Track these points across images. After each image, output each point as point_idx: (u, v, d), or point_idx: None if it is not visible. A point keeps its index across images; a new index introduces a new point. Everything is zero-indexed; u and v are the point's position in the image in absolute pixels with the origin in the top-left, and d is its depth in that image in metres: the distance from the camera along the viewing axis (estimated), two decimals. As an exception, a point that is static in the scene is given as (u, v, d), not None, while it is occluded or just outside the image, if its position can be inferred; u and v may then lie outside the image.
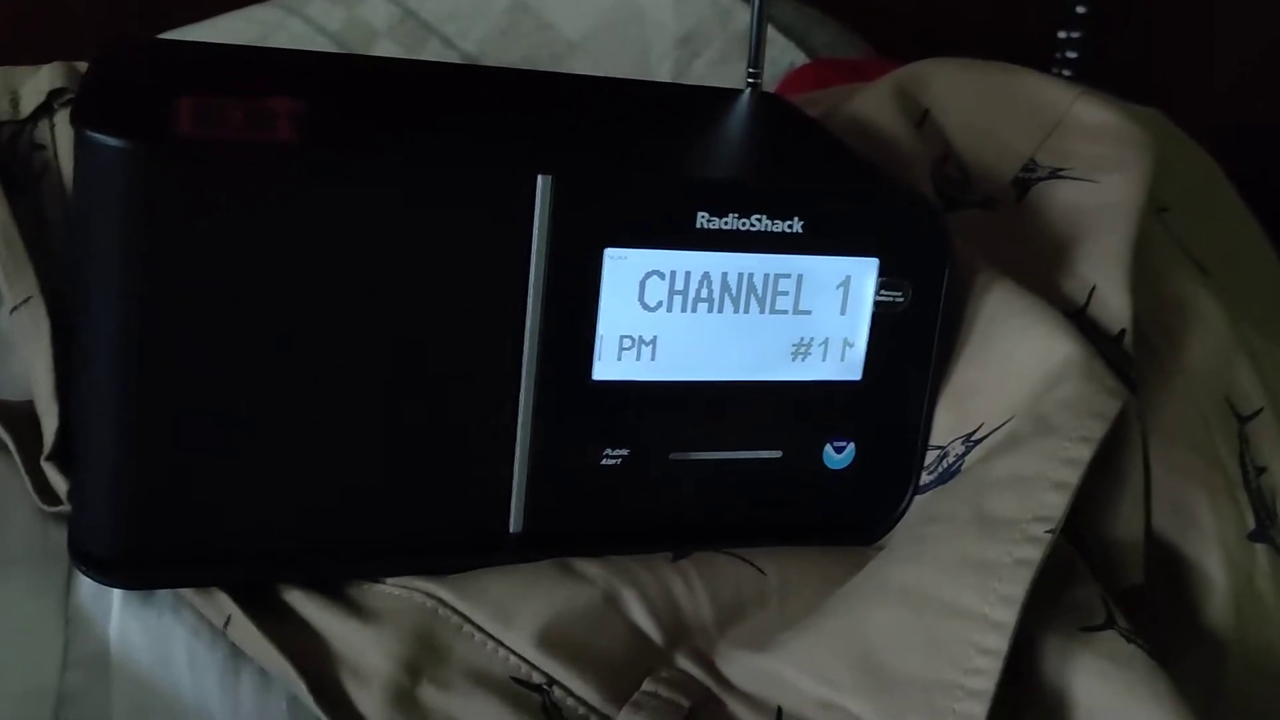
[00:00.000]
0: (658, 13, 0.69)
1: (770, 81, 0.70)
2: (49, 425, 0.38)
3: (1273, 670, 0.40)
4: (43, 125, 0.45)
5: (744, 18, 0.70)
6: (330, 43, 0.66)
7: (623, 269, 0.36)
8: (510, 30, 0.67)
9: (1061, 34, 0.90)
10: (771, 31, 0.71)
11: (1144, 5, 0.92)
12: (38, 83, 0.46)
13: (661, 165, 0.38)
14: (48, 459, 0.37)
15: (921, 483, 0.41)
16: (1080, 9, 0.88)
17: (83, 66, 0.48)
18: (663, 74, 0.69)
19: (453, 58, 0.67)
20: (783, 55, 0.71)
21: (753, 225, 0.37)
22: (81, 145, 0.32)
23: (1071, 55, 0.89)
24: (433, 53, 0.66)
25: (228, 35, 0.66)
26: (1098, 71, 0.90)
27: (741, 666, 0.37)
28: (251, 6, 0.68)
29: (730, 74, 0.70)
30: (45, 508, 0.37)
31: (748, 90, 0.46)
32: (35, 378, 0.39)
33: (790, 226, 0.37)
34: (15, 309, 0.40)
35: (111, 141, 0.32)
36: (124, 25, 0.73)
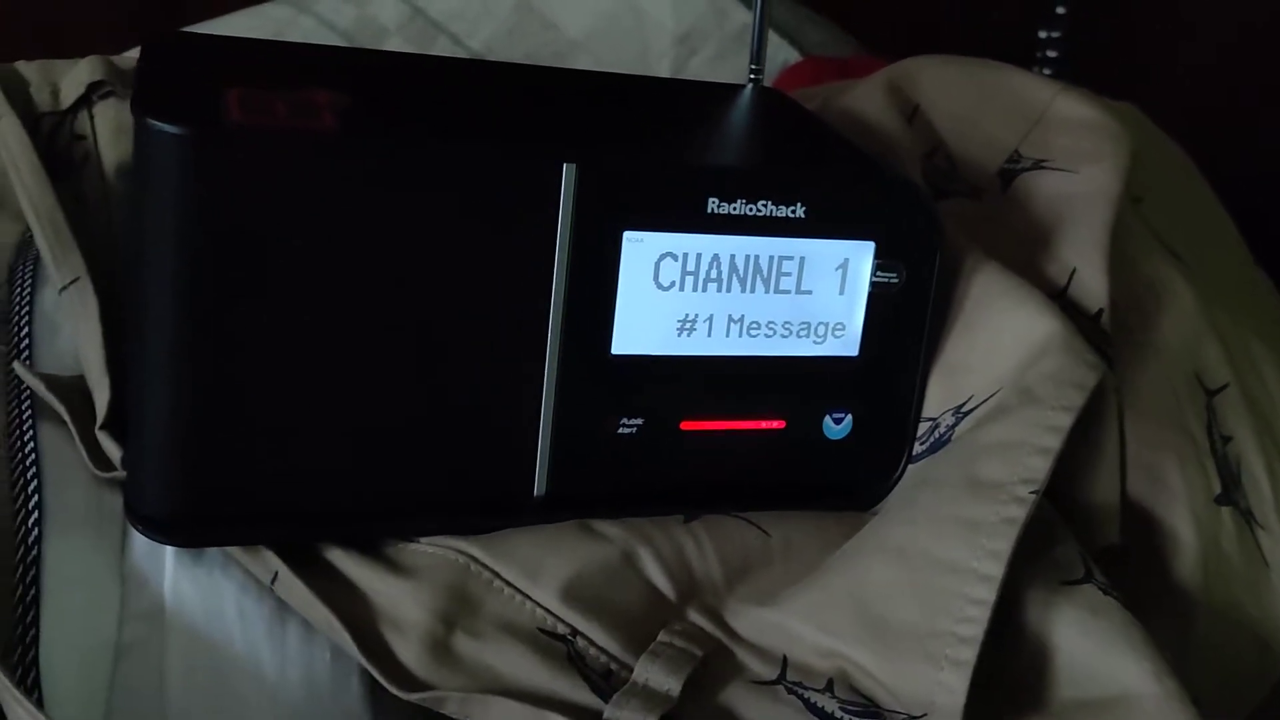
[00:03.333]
0: (657, 12, 0.72)
1: (764, 78, 0.73)
2: (101, 397, 0.40)
3: (1237, 622, 0.43)
4: (82, 116, 0.48)
5: (740, 17, 0.73)
6: (341, 39, 0.69)
7: (639, 251, 0.39)
8: (516, 29, 0.69)
9: (1042, 33, 0.93)
10: (766, 30, 0.74)
11: (1119, 5, 0.96)
12: (77, 75, 0.48)
13: (675, 155, 0.41)
14: (101, 428, 0.40)
15: (915, 452, 0.44)
16: (1060, 9, 0.91)
17: (118, 60, 0.50)
18: (661, 71, 0.72)
19: (460, 55, 0.69)
20: (776, 53, 0.74)
21: (759, 210, 0.40)
22: (141, 132, 0.35)
23: (1052, 54, 0.93)
24: (441, 50, 0.69)
25: (240, 32, 0.69)
26: (1077, 68, 0.94)
27: (749, 620, 0.39)
28: (263, 4, 0.70)
29: (726, 70, 0.73)
30: (99, 474, 0.39)
31: (750, 85, 0.49)
32: (86, 353, 0.41)
33: (794, 211, 0.40)
34: (64, 289, 0.43)
35: (169, 128, 0.34)
36: (136, 22, 0.75)
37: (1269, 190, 0.97)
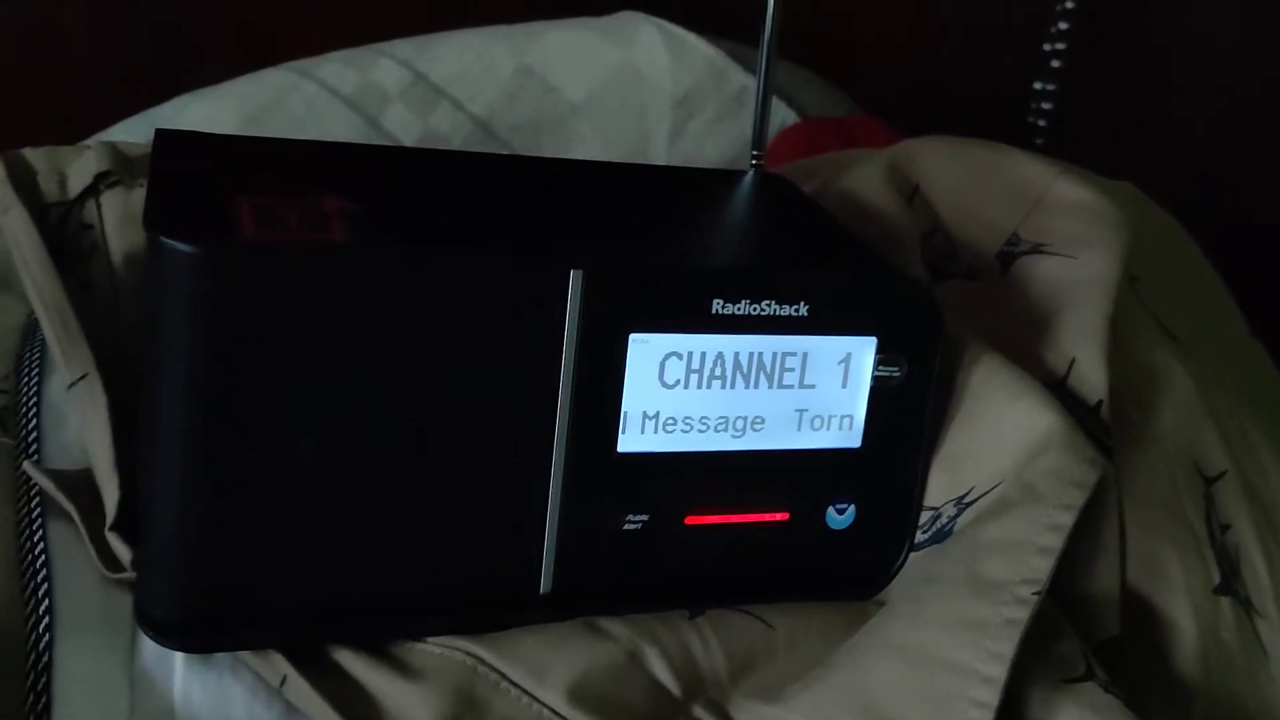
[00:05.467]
0: (656, 76, 0.72)
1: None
2: (110, 496, 0.40)
3: (1237, 713, 0.43)
4: (90, 206, 0.48)
5: (739, 79, 0.74)
6: (343, 105, 0.69)
7: (645, 351, 0.40)
8: (517, 94, 0.70)
9: (1037, 85, 0.94)
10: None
11: (1113, 59, 0.97)
12: (84, 165, 0.49)
13: (679, 257, 0.41)
14: (111, 529, 0.40)
15: (916, 541, 0.44)
16: (1055, 63, 0.92)
17: (125, 148, 0.51)
18: (661, 134, 0.73)
19: (463, 120, 0.70)
20: (774, 114, 0.74)
21: (763, 310, 0.40)
22: (154, 248, 0.35)
23: (1046, 106, 0.93)
24: (443, 115, 0.69)
25: (244, 99, 0.69)
26: (1072, 121, 0.95)
27: (753, 716, 0.40)
28: (265, 70, 0.71)
29: (725, 132, 0.74)
30: (109, 574, 0.40)
31: (751, 172, 0.49)
32: (95, 451, 0.41)
33: (797, 310, 0.41)
34: (73, 384, 0.43)
35: (183, 247, 0.35)
36: (139, 89, 0.75)
37: (1264, 243, 0.98)
